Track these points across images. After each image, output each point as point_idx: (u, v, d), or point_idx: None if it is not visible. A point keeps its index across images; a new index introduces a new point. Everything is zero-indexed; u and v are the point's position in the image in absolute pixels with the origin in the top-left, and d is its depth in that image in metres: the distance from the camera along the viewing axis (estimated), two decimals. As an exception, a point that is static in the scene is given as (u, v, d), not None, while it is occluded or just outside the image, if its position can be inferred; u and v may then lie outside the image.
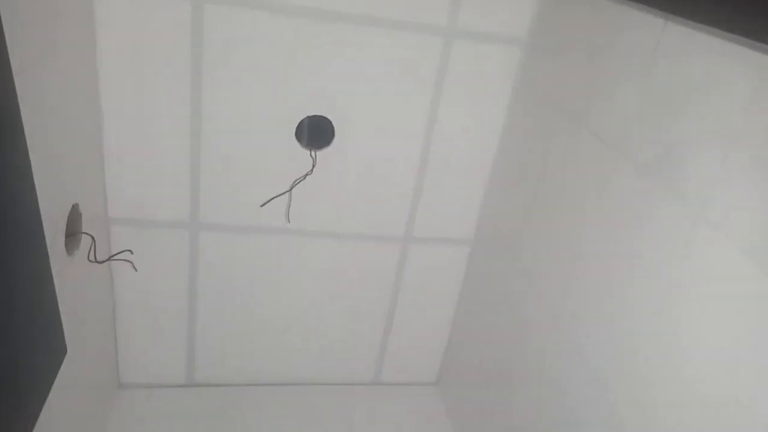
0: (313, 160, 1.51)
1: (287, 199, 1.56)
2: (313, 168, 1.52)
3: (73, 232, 1.22)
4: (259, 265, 1.67)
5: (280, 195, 1.55)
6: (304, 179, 1.53)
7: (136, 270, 1.50)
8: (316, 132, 1.50)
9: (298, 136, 1.49)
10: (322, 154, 1.53)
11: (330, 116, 1.49)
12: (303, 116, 1.47)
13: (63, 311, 1.11)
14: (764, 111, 0.79)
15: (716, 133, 0.87)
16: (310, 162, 1.52)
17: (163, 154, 1.46)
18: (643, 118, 1.04)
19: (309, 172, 1.52)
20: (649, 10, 1.01)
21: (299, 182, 1.54)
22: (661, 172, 0.97)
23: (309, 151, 1.51)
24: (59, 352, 1.03)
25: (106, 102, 1.37)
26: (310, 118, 1.48)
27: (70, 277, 1.19)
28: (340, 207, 1.63)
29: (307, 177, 1.53)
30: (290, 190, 1.55)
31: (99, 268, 1.38)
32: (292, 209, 1.58)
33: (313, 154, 1.51)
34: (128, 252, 1.44)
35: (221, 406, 1.78)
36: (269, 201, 1.55)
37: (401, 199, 1.65)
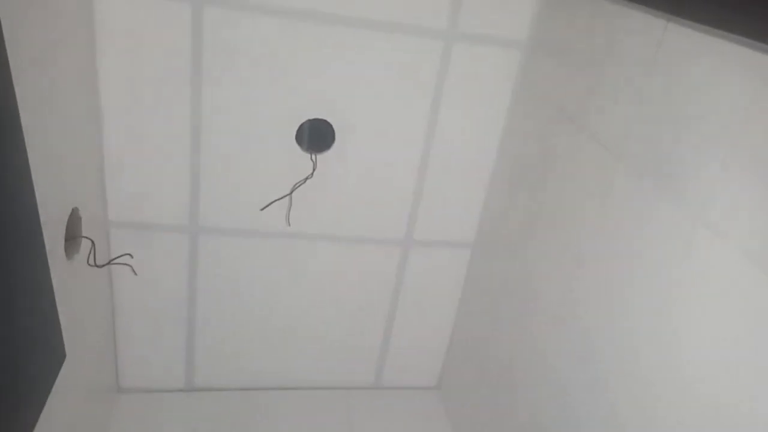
0: (314, 163, 1.51)
1: (287, 202, 1.56)
2: (313, 171, 1.52)
3: (72, 236, 1.22)
4: (259, 269, 1.66)
5: (281, 199, 1.55)
6: (304, 183, 1.53)
7: (135, 274, 1.49)
8: (316, 135, 1.50)
9: (298, 139, 1.49)
10: (322, 157, 1.52)
11: (330, 119, 1.49)
12: (303, 119, 1.47)
13: (62, 315, 1.10)
14: (765, 113, 0.79)
15: (717, 135, 0.87)
16: (310, 165, 1.52)
17: (163, 157, 1.46)
18: (643, 121, 1.03)
19: (309, 175, 1.52)
20: (649, 10, 1.00)
21: (299, 186, 1.54)
22: (661, 174, 0.97)
23: (309, 155, 1.51)
24: (58, 357, 1.02)
25: (106, 105, 1.37)
26: (310, 121, 1.48)
27: (69, 282, 1.18)
28: (341, 210, 1.62)
29: (308, 180, 1.53)
30: (290, 193, 1.54)
31: (98, 271, 1.37)
32: (292, 213, 1.58)
33: (313, 157, 1.51)
34: (128, 256, 1.44)
35: (221, 410, 1.77)
36: (269, 205, 1.54)
37: (402, 202, 1.65)
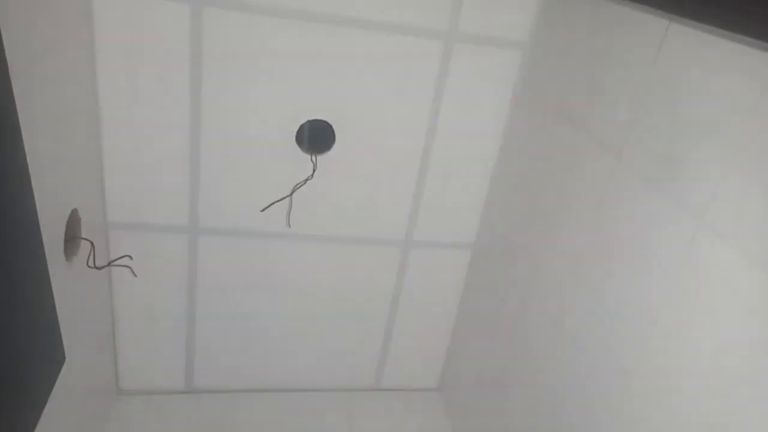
0: (314, 164, 1.51)
1: (288, 203, 1.55)
2: (313, 172, 1.51)
3: (72, 238, 1.21)
4: (259, 270, 1.66)
5: (281, 200, 1.54)
6: (304, 184, 1.53)
7: (135, 275, 1.49)
8: (316, 136, 1.49)
9: (298, 140, 1.48)
10: (322, 158, 1.52)
11: (330, 120, 1.49)
12: (303, 120, 1.47)
13: (62, 317, 1.09)
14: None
15: (719, 136, 0.86)
16: (310, 166, 1.51)
17: (162, 158, 1.45)
18: (644, 122, 1.03)
19: (309, 176, 1.51)
20: (650, 11, 1.00)
21: (300, 187, 1.53)
22: (663, 178, 0.96)
23: (309, 156, 1.50)
24: (57, 360, 1.01)
25: (104, 106, 1.36)
26: (310, 122, 1.47)
27: (69, 283, 1.18)
28: (341, 211, 1.62)
29: (308, 181, 1.52)
30: (291, 194, 1.54)
31: (98, 273, 1.36)
32: (292, 213, 1.57)
33: (313, 158, 1.50)
34: (128, 257, 1.43)
35: (221, 412, 1.76)
36: (269, 206, 1.54)
37: (402, 203, 1.64)
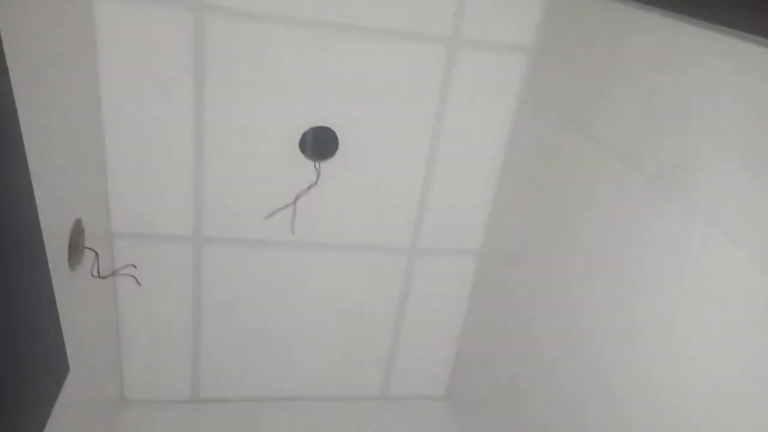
0: (318, 171, 1.50)
1: (292, 211, 1.55)
2: (317, 179, 1.50)
3: (76, 247, 1.21)
4: (263, 278, 1.65)
5: (285, 207, 1.53)
6: (308, 191, 1.52)
7: (139, 284, 1.48)
8: (320, 143, 1.49)
9: (301, 147, 1.48)
10: (326, 165, 1.51)
11: (334, 127, 1.48)
12: (307, 127, 1.46)
13: (66, 328, 1.09)
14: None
15: (729, 138, 0.85)
16: (314, 173, 1.50)
17: (166, 167, 1.45)
18: (652, 124, 1.01)
19: (313, 183, 1.50)
20: (658, 11, 0.99)
21: (304, 194, 1.52)
22: (673, 183, 0.95)
23: (313, 163, 1.50)
24: (61, 372, 1.01)
25: (107, 115, 1.36)
26: (313, 129, 1.47)
27: (73, 293, 1.17)
28: (345, 218, 1.61)
29: (312, 188, 1.51)
30: (294, 202, 1.53)
31: (102, 283, 1.36)
32: (296, 221, 1.56)
33: (317, 165, 1.50)
34: (132, 266, 1.43)
35: (226, 421, 1.75)
36: (273, 213, 1.53)
37: (407, 209, 1.63)
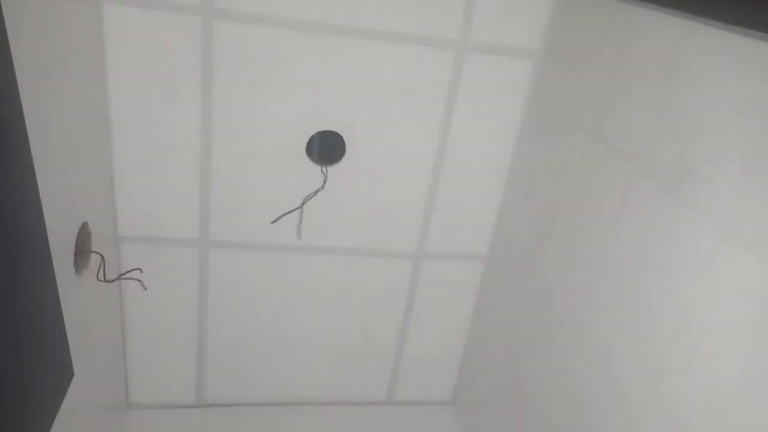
0: (324, 175, 1.49)
1: (298, 215, 1.54)
2: (324, 184, 1.50)
3: (82, 251, 1.21)
4: (270, 283, 1.64)
5: (291, 212, 1.53)
6: (315, 195, 1.51)
7: (145, 289, 1.48)
8: (327, 147, 1.48)
9: (308, 151, 1.47)
10: (333, 169, 1.50)
11: (341, 131, 1.47)
12: (314, 132, 1.46)
13: (71, 332, 1.08)
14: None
15: (741, 141, 0.84)
16: (321, 178, 1.50)
17: (173, 170, 1.45)
18: (662, 128, 1.00)
19: (320, 188, 1.50)
20: (669, 11, 0.98)
21: (310, 198, 1.52)
22: (683, 186, 0.93)
23: (320, 167, 1.49)
24: (66, 376, 1.00)
25: (115, 119, 1.36)
26: (320, 133, 1.46)
27: (79, 297, 1.17)
28: (352, 223, 1.60)
29: (318, 193, 1.51)
30: (301, 206, 1.52)
31: (108, 287, 1.36)
32: (303, 226, 1.56)
33: (324, 169, 1.49)
34: (138, 270, 1.42)
35: (231, 426, 1.74)
36: (280, 218, 1.53)
37: (414, 214, 1.62)
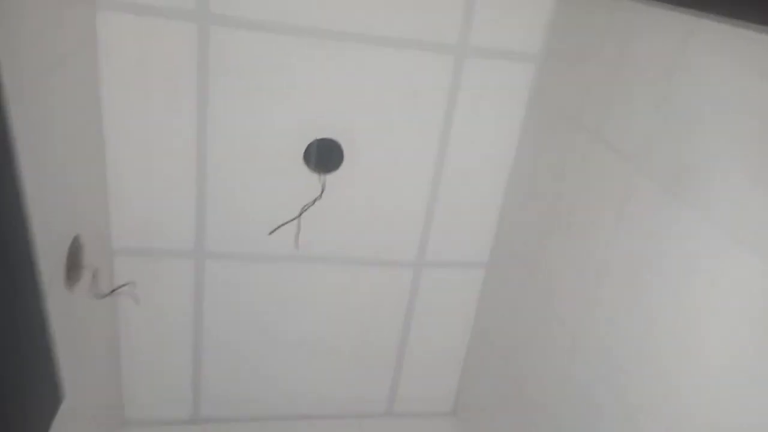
0: (322, 184, 1.46)
1: (296, 225, 1.51)
2: (322, 192, 1.47)
3: (74, 266, 1.17)
4: (267, 294, 1.61)
5: (289, 222, 1.49)
6: (313, 204, 1.48)
7: (138, 303, 1.44)
8: (324, 155, 1.45)
9: (306, 159, 1.44)
10: (331, 177, 1.47)
11: (339, 138, 1.45)
12: (311, 139, 1.43)
13: (63, 349, 1.05)
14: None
15: (746, 142, 0.82)
16: (318, 186, 1.47)
17: (168, 180, 1.42)
18: (665, 128, 0.99)
19: (318, 196, 1.47)
20: (673, 8, 0.96)
21: (308, 208, 1.49)
22: (683, 186, 0.93)
23: (318, 175, 1.46)
24: (55, 399, 0.96)
25: (109, 128, 1.33)
26: (318, 141, 1.43)
27: (70, 313, 1.13)
28: (351, 231, 1.57)
29: (317, 202, 1.48)
30: (299, 216, 1.49)
31: (102, 301, 1.32)
32: (301, 235, 1.53)
33: (322, 178, 1.46)
34: (131, 284, 1.39)
35: (229, 441, 1.70)
36: (277, 229, 1.49)
37: (413, 222, 1.60)
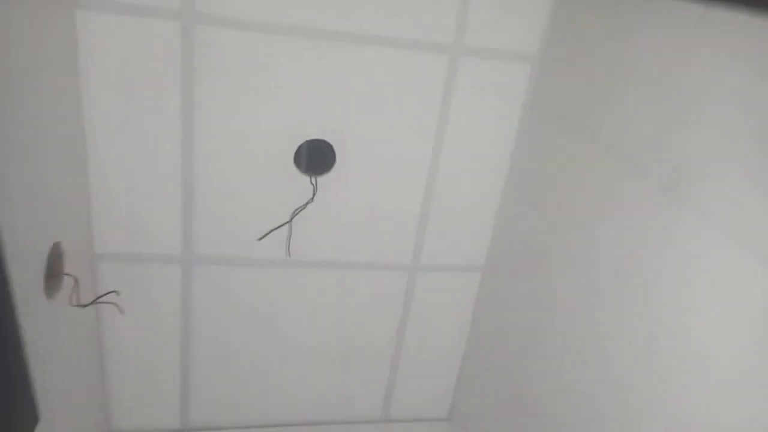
0: (314, 186, 1.43)
1: (287, 230, 1.47)
2: (313, 195, 1.43)
3: (53, 274, 1.12)
4: (257, 299, 1.57)
5: (280, 227, 1.46)
6: (305, 208, 1.44)
7: (122, 313, 1.40)
8: (316, 157, 1.42)
9: (296, 161, 1.41)
10: (323, 180, 1.44)
11: (330, 140, 1.41)
12: (302, 140, 1.39)
13: (43, 362, 1.01)
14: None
15: (740, 145, 0.81)
16: (310, 189, 1.43)
17: (153, 183, 1.37)
18: (666, 131, 0.96)
19: (310, 200, 1.43)
20: (680, 2, 0.93)
21: (300, 212, 1.45)
22: (682, 187, 0.91)
23: (309, 178, 1.42)
24: (31, 421, 0.91)
25: (90, 130, 1.29)
26: (309, 142, 1.39)
27: (50, 324, 1.09)
28: (344, 235, 1.54)
29: (308, 205, 1.44)
30: (290, 221, 1.45)
31: (84, 310, 1.27)
32: (292, 240, 1.49)
33: (313, 180, 1.42)
34: (114, 293, 1.34)
35: (219, 451, 1.66)
36: (267, 234, 1.45)
37: (408, 225, 1.56)
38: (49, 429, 1.03)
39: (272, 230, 1.45)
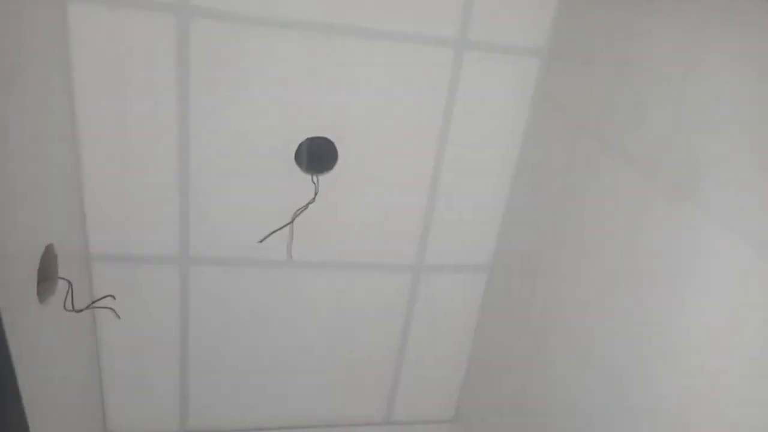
0: (316, 185, 1.39)
1: (289, 231, 1.43)
2: (315, 195, 1.39)
3: (46, 277, 1.08)
4: (257, 301, 1.53)
5: (281, 228, 1.42)
6: (306, 208, 1.40)
7: (119, 317, 1.36)
8: (317, 155, 1.38)
9: (297, 159, 1.37)
10: (324, 178, 1.40)
11: (332, 137, 1.37)
12: (302, 138, 1.35)
13: (35, 368, 0.97)
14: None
15: (755, 146, 0.78)
16: (311, 188, 1.39)
17: (148, 182, 1.33)
18: (680, 132, 0.93)
19: (311, 199, 1.39)
20: None
21: (301, 212, 1.41)
22: (694, 189, 0.88)
23: (310, 176, 1.38)
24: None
25: (83, 128, 1.25)
26: (310, 139, 1.35)
27: (44, 329, 1.05)
28: (346, 235, 1.50)
29: (310, 205, 1.40)
30: (292, 222, 1.41)
31: (79, 314, 1.24)
32: (294, 241, 1.45)
33: (314, 179, 1.38)
34: (110, 297, 1.30)
35: (220, 455, 1.64)
36: (268, 236, 1.41)
37: (412, 224, 1.53)
38: (44, 437, 1.00)
39: (273, 231, 1.41)
